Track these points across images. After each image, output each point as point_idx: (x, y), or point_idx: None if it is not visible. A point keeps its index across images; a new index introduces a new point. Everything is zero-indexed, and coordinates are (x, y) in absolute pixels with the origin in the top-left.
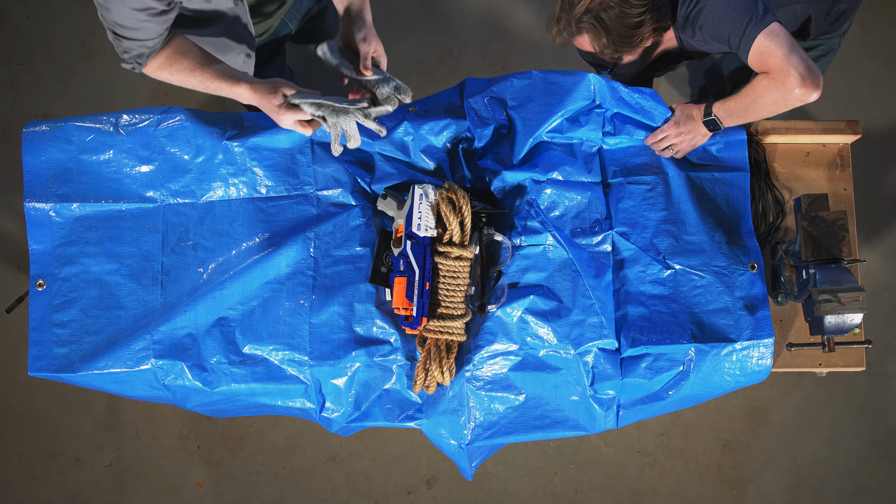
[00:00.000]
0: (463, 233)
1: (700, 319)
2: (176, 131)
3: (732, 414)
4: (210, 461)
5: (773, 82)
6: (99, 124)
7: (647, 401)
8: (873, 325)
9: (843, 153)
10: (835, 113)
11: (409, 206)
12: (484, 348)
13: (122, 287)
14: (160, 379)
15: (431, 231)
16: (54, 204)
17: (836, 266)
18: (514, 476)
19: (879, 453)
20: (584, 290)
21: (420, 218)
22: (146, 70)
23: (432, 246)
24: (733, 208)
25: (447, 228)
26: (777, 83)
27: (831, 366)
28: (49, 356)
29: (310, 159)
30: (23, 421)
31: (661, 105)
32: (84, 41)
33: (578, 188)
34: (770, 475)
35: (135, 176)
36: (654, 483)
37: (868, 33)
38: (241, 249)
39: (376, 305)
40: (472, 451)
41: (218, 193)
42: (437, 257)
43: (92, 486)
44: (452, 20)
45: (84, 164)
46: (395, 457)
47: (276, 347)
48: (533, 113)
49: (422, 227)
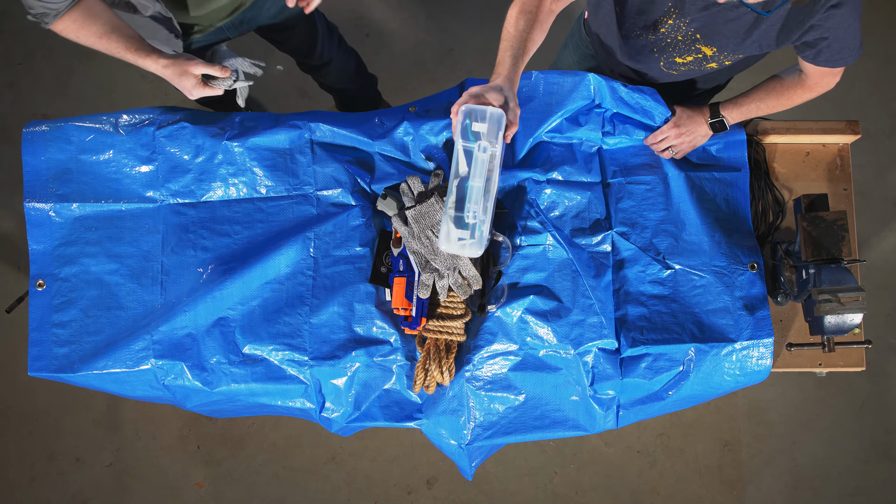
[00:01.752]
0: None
1: (700, 319)
2: (176, 131)
3: (732, 414)
4: (210, 461)
5: (811, 94)
6: (99, 124)
7: (647, 401)
8: (873, 325)
9: (843, 153)
10: (835, 113)
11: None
12: (484, 348)
13: (121, 287)
14: (160, 379)
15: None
16: (54, 204)
17: (836, 266)
18: (514, 476)
19: (879, 453)
20: (583, 290)
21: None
22: (53, 28)
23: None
24: (733, 208)
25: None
26: (816, 93)
27: (831, 366)
28: (49, 356)
29: (310, 159)
30: (23, 421)
31: (661, 105)
32: None
33: (578, 188)
34: (770, 475)
35: (135, 176)
36: (654, 483)
37: (868, 33)
38: (241, 249)
39: (376, 305)
40: (472, 451)
41: (218, 193)
42: None
43: (92, 486)
44: (452, 20)
45: (84, 164)
46: (395, 457)
47: (276, 347)
48: (533, 113)
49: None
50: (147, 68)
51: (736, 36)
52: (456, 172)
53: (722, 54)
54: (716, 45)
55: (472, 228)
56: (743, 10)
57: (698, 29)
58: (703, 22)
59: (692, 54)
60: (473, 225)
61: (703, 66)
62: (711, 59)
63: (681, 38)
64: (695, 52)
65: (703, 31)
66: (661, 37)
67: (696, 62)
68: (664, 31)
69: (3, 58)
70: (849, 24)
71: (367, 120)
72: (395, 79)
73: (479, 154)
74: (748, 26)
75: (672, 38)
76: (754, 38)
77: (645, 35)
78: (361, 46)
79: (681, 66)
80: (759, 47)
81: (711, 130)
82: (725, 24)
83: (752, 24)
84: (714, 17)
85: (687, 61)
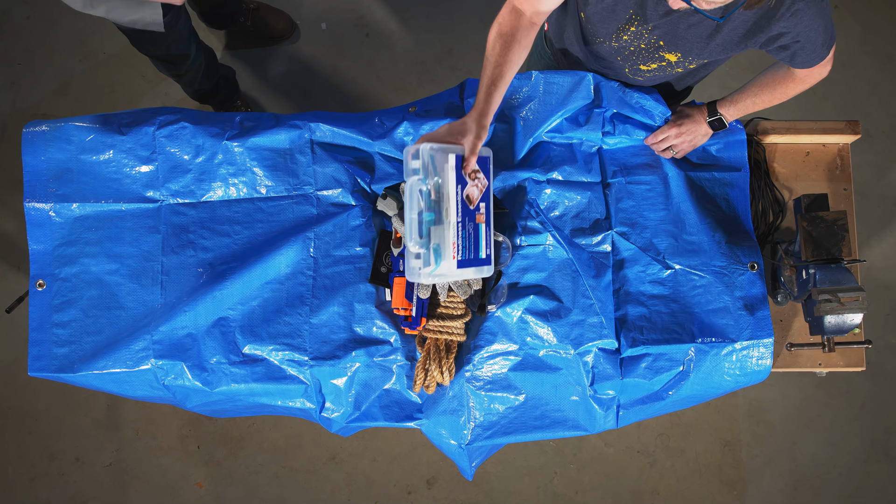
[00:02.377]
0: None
1: (700, 319)
2: (176, 131)
3: (732, 414)
4: (210, 461)
5: (803, 85)
6: (99, 124)
7: (647, 401)
8: (873, 325)
9: (843, 153)
10: (835, 113)
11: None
12: (484, 348)
13: (122, 287)
14: (160, 379)
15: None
16: (54, 204)
17: (836, 266)
18: (514, 476)
19: (879, 453)
20: (583, 290)
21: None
22: None
23: None
24: (733, 208)
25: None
26: (808, 85)
27: (831, 366)
28: (49, 356)
29: (310, 159)
30: (23, 421)
31: (661, 104)
32: (84, 41)
33: (578, 188)
34: (770, 475)
35: (135, 176)
36: (654, 483)
37: (868, 33)
38: (242, 249)
39: (376, 305)
40: (472, 451)
41: (218, 193)
42: None
43: (92, 486)
44: (452, 20)
45: (84, 165)
46: (395, 457)
47: (276, 347)
48: (532, 113)
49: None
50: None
51: (699, 41)
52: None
53: (686, 59)
54: (679, 51)
55: (423, 257)
56: (702, 16)
57: (661, 36)
58: (665, 28)
59: (656, 62)
60: (424, 254)
61: (668, 72)
62: (676, 64)
63: (644, 46)
64: (658, 60)
65: (666, 37)
66: (625, 45)
67: (660, 69)
68: (627, 39)
69: (3, 58)
70: (816, 24)
71: (367, 120)
72: (395, 79)
73: (412, 185)
74: (710, 31)
75: (635, 46)
76: (717, 41)
77: (608, 43)
78: (361, 46)
79: (645, 72)
80: (723, 51)
81: (711, 129)
82: (688, 30)
83: (715, 29)
84: (675, 22)
85: (651, 68)
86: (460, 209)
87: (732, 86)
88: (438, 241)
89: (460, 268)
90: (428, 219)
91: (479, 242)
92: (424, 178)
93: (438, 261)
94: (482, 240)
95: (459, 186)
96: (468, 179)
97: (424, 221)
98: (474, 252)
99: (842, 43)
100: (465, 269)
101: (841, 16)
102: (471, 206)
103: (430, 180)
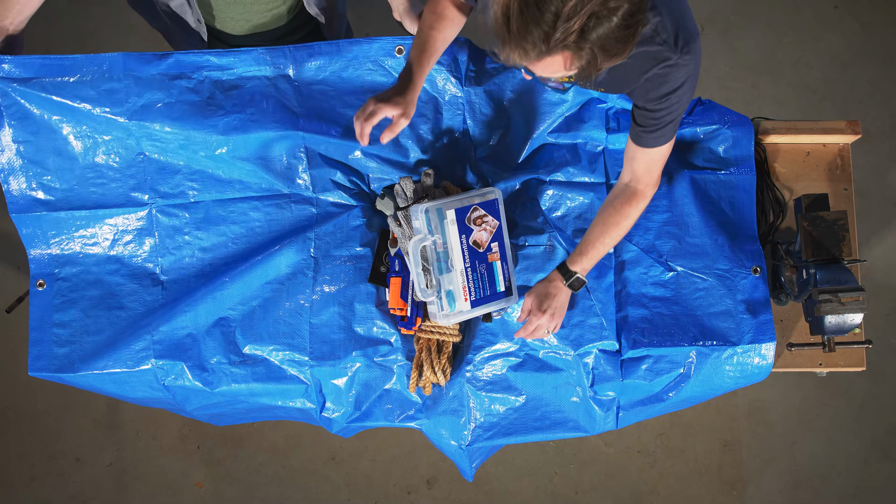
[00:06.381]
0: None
1: (701, 322)
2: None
3: (732, 414)
4: (210, 461)
5: (643, 201)
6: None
7: (647, 402)
8: (873, 325)
9: (843, 153)
10: (835, 113)
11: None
12: (484, 349)
13: (122, 287)
14: (160, 379)
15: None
16: (42, 213)
17: (836, 266)
18: (514, 476)
19: (879, 453)
20: (584, 291)
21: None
22: None
23: None
24: (737, 211)
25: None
26: (646, 199)
27: (831, 366)
28: (49, 356)
29: (306, 165)
30: (23, 421)
31: None
32: (84, 41)
33: (581, 189)
34: (770, 475)
35: (122, 179)
36: (654, 483)
37: (868, 33)
38: (241, 250)
39: (376, 305)
40: (473, 451)
41: (212, 194)
42: None
43: (92, 486)
44: None
45: (66, 166)
46: (395, 457)
47: (276, 347)
48: (534, 110)
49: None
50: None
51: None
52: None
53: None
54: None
55: (437, 304)
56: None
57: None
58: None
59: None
60: (437, 301)
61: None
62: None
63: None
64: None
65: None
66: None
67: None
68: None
69: None
70: (688, 97)
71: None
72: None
73: (415, 244)
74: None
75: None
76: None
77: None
78: None
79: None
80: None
81: (572, 290)
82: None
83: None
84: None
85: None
86: (467, 256)
87: (732, 86)
88: (451, 286)
89: (475, 307)
90: (437, 267)
91: (496, 279)
92: (426, 235)
93: (452, 304)
94: (498, 276)
95: (464, 236)
96: (473, 227)
97: (433, 271)
98: (490, 289)
99: (842, 43)
100: (480, 306)
101: (841, 16)
102: (479, 249)
103: (430, 238)
